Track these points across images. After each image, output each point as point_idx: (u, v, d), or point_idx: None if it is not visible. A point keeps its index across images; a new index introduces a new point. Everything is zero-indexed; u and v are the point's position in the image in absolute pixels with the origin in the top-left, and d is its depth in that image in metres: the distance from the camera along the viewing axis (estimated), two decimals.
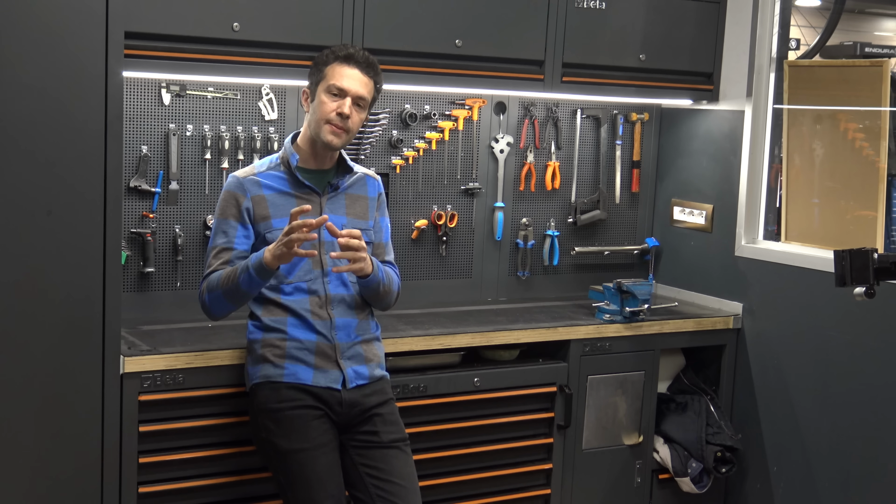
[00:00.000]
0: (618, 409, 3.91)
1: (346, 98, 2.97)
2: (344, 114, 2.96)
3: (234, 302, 2.99)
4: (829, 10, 4.90)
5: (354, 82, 2.98)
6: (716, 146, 4.23)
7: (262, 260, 2.87)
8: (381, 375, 3.10)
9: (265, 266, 2.87)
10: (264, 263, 2.87)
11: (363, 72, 3.00)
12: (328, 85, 2.98)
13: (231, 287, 2.93)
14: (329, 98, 2.97)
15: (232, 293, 2.95)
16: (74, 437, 2.87)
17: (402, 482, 2.98)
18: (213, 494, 3.19)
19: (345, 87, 2.97)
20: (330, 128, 2.97)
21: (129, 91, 3.42)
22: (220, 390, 3.14)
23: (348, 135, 3.01)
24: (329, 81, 2.98)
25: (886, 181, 3.91)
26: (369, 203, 3.15)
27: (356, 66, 2.99)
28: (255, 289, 2.95)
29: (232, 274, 2.93)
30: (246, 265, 2.90)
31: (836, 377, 3.76)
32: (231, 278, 2.93)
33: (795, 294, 3.90)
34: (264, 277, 2.91)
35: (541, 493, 3.78)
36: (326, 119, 2.97)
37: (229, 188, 3.04)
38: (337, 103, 2.97)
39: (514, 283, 4.25)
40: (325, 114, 2.97)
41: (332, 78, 2.98)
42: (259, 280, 2.91)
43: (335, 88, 2.97)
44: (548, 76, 3.85)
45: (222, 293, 2.96)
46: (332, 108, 2.97)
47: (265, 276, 2.91)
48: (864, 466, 3.68)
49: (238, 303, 3.00)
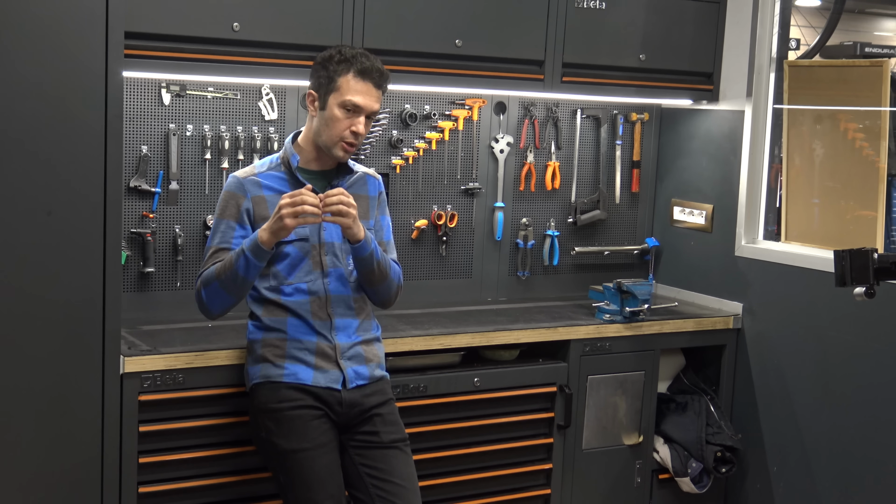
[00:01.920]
0: (618, 409, 3.91)
1: (362, 116, 2.94)
2: (359, 133, 2.95)
3: (231, 292, 2.94)
4: (829, 10, 4.89)
5: (369, 99, 2.94)
6: (716, 146, 4.23)
7: (257, 240, 2.85)
8: (381, 376, 3.10)
9: (260, 246, 2.85)
10: (259, 243, 2.85)
11: (376, 86, 2.95)
12: (343, 100, 2.92)
13: (228, 275, 2.90)
14: (344, 114, 2.93)
15: (229, 282, 2.91)
16: (74, 437, 2.87)
17: (402, 482, 2.98)
18: (213, 494, 3.19)
19: (360, 105, 2.92)
20: (343, 146, 2.96)
21: (129, 91, 3.42)
22: (219, 390, 3.14)
23: (357, 148, 3.02)
24: (344, 96, 2.92)
25: (886, 181, 3.91)
26: (370, 202, 3.14)
27: (370, 81, 2.94)
28: (252, 273, 2.90)
29: (227, 262, 2.91)
30: (241, 249, 2.88)
31: (836, 377, 3.76)
32: (227, 266, 2.91)
33: (795, 294, 3.90)
34: (261, 258, 2.88)
35: (541, 493, 3.79)
36: (342, 136, 2.94)
37: (229, 188, 3.04)
38: (351, 121, 2.93)
39: (514, 283, 4.25)
40: (340, 132, 2.94)
41: (348, 93, 2.92)
42: (256, 262, 2.88)
43: (350, 105, 2.92)
44: (548, 76, 3.85)
45: (219, 284, 2.92)
46: (347, 125, 2.93)
47: (262, 257, 2.88)
48: (864, 466, 3.68)
49: (236, 293, 2.95)
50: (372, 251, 2.99)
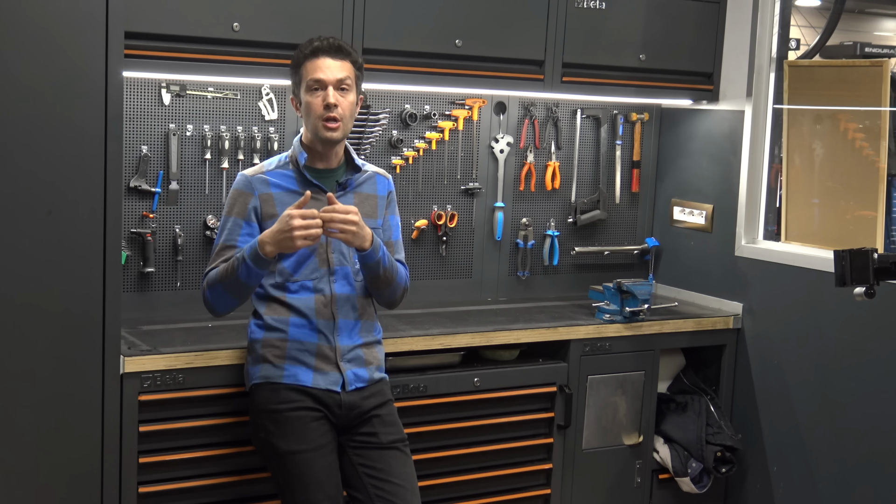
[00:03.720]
0: (618, 409, 3.91)
1: (328, 88, 2.96)
2: (330, 104, 2.96)
3: (235, 295, 2.97)
4: (829, 10, 4.89)
5: (328, 70, 2.97)
6: (716, 146, 4.23)
7: (259, 249, 2.86)
8: (379, 378, 3.10)
9: (263, 256, 2.87)
10: (262, 254, 2.86)
11: (333, 57, 2.98)
12: (306, 83, 2.97)
13: (231, 280, 2.92)
14: (312, 95, 2.97)
15: (232, 286, 2.94)
16: (75, 436, 2.87)
17: (401, 482, 2.98)
18: (213, 494, 3.19)
19: (321, 78, 2.96)
20: (324, 123, 2.97)
21: (129, 91, 3.42)
22: (219, 390, 3.14)
23: (344, 123, 3.00)
24: (306, 79, 2.97)
25: (886, 181, 3.91)
26: (378, 201, 3.14)
27: (324, 55, 2.98)
28: (254, 279, 2.93)
29: (230, 267, 2.92)
30: (242, 256, 2.89)
31: (836, 377, 3.76)
32: (230, 271, 2.92)
33: (795, 294, 3.90)
34: (262, 266, 2.90)
35: (541, 493, 3.78)
36: (318, 115, 2.97)
37: (237, 186, 3.04)
38: (321, 96, 2.96)
39: (514, 283, 4.25)
40: (315, 111, 2.97)
41: (308, 74, 2.97)
42: (258, 270, 2.90)
43: (313, 83, 2.96)
44: (548, 76, 3.85)
45: (222, 287, 2.95)
46: (318, 103, 2.96)
47: (263, 266, 2.90)
48: (864, 466, 3.68)
49: (240, 296, 2.98)
50: (379, 259, 3.00)
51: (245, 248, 2.91)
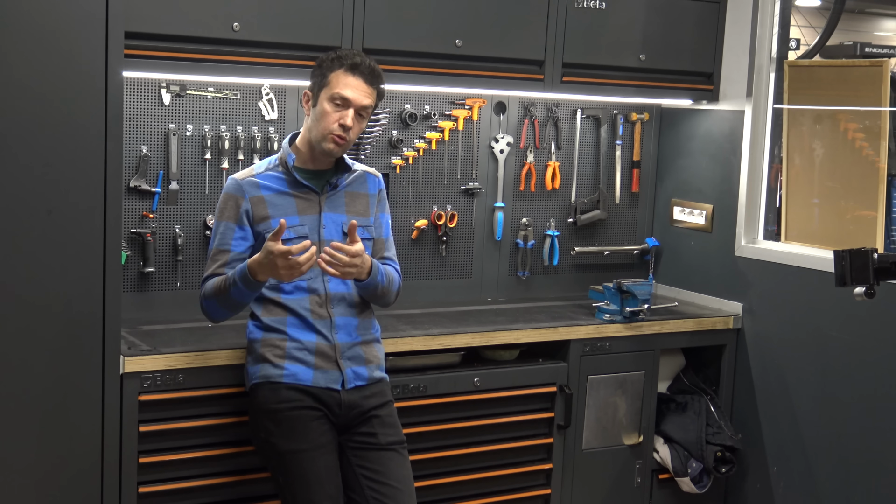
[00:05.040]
0: (618, 409, 3.91)
1: (350, 109, 2.96)
2: (346, 126, 2.96)
3: (230, 309, 3.01)
4: (829, 10, 4.90)
5: (358, 93, 2.96)
6: (716, 146, 4.23)
7: (250, 274, 2.87)
8: (380, 377, 3.10)
9: (252, 280, 2.88)
10: (253, 278, 2.88)
11: (367, 82, 2.98)
12: (332, 94, 2.96)
13: (224, 298, 2.96)
14: (332, 108, 2.96)
15: (226, 302, 2.97)
16: (74, 436, 2.87)
17: (398, 485, 2.98)
18: (213, 494, 3.19)
19: (348, 98, 2.95)
20: (332, 138, 2.97)
21: (129, 91, 3.42)
22: (219, 390, 3.14)
23: (349, 143, 3.02)
24: (333, 90, 2.96)
25: (886, 181, 3.91)
26: (369, 200, 3.15)
27: (360, 76, 2.97)
28: (248, 298, 2.97)
29: (223, 284, 2.95)
30: (234, 278, 2.91)
31: (836, 377, 3.76)
32: (223, 289, 2.95)
33: (795, 294, 3.90)
34: (254, 289, 2.93)
35: (541, 493, 3.78)
36: (329, 129, 2.96)
37: (228, 190, 3.05)
38: (339, 114, 2.95)
39: (514, 283, 4.25)
40: (328, 125, 2.96)
41: (336, 87, 2.95)
42: (249, 291, 2.93)
43: (339, 98, 2.95)
44: (548, 76, 3.85)
45: (217, 302, 2.98)
46: (335, 119, 2.95)
47: (255, 288, 2.93)
48: (864, 466, 3.68)
49: (235, 310, 3.02)
50: (377, 283, 3.03)
51: (236, 271, 2.92)
